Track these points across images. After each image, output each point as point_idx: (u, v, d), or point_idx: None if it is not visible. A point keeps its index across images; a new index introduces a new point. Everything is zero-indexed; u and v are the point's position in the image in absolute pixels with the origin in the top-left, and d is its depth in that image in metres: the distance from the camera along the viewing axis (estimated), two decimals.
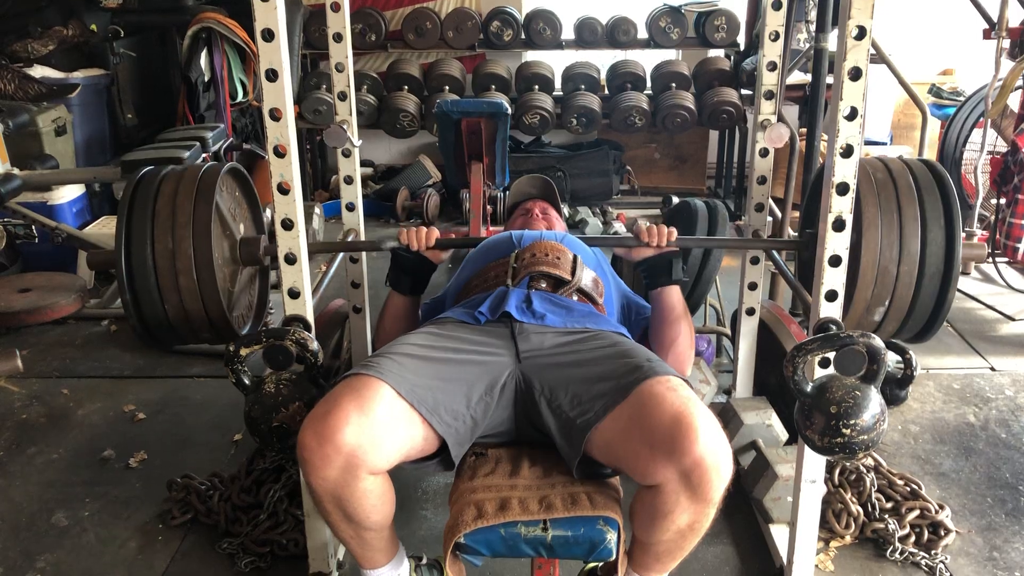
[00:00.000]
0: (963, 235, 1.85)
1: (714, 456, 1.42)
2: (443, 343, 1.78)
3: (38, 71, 4.48)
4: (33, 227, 3.67)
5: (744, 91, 5.17)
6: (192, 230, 1.83)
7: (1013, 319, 3.76)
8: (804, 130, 3.77)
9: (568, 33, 5.40)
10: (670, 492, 1.46)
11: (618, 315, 2.17)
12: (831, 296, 1.75)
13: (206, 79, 4.76)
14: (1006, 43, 3.87)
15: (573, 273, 2.02)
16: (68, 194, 4.22)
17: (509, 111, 3.53)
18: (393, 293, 2.15)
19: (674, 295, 2.04)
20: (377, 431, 1.51)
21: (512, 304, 1.86)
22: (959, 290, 4.10)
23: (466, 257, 2.28)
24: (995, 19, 3.88)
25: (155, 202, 1.86)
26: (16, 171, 3.76)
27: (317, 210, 4.80)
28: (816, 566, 2.11)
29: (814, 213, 2.02)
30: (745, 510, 2.38)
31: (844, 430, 1.59)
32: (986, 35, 3.96)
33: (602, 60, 5.63)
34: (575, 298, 1.99)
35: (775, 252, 2.33)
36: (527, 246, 2.10)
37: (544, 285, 1.98)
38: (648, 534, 1.56)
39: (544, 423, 1.68)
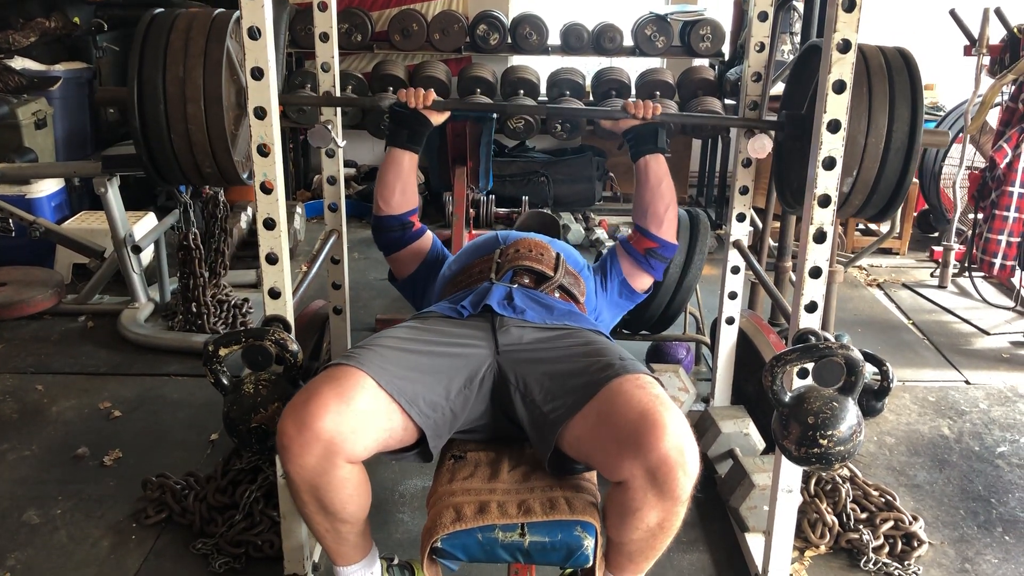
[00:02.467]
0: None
1: (680, 453, 1.44)
2: (425, 336, 1.80)
3: (19, 63, 4.43)
4: (10, 221, 3.63)
5: (728, 101, 5.19)
6: (204, 61, 1.85)
7: (988, 333, 3.81)
8: None
9: (554, 38, 5.41)
10: (637, 489, 1.47)
11: (602, 310, 2.22)
12: (811, 307, 1.77)
13: None
14: (986, 60, 3.93)
15: (555, 270, 2.06)
16: (47, 188, 4.18)
17: (494, 115, 3.54)
18: (392, 149, 2.18)
19: (660, 164, 2.15)
20: (356, 420, 1.53)
21: (494, 299, 1.89)
22: (935, 303, 4.16)
23: (452, 256, 2.30)
24: (976, 36, 3.93)
25: (169, 35, 1.87)
26: None
27: (299, 210, 4.78)
28: (791, 575, 2.12)
29: (794, 93, 2.12)
30: (721, 518, 2.39)
31: (821, 441, 1.61)
32: (967, 52, 4.02)
33: (587, 66, 5.65)
34: (557, 295, 2.02)
35: (755, 263, 2.35)
36: (512, 242, 2.15)
37: (527, 281, 2.02)
38: (619, 533, 1.58)
39: (518, 417, 1.71)
